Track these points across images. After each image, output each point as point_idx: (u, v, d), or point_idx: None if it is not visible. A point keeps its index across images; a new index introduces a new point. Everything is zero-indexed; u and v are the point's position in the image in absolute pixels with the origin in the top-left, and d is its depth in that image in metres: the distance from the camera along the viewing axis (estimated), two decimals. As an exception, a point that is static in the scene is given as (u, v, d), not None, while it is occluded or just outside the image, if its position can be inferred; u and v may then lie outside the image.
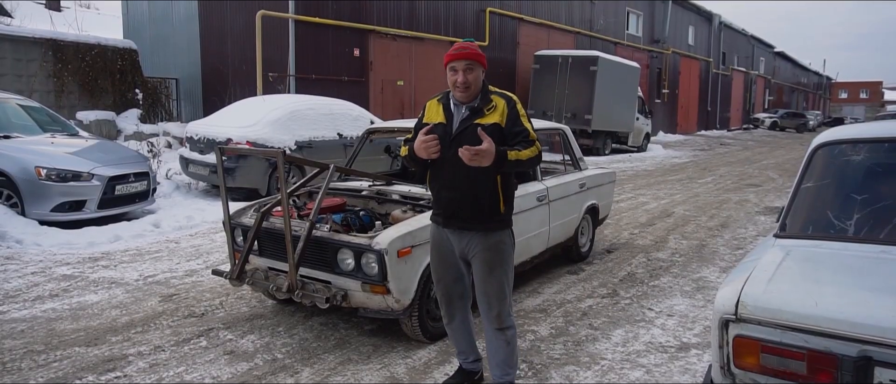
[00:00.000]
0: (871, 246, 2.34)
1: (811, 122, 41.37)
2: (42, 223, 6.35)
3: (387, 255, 3.36)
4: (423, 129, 2.80)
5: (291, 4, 12.94)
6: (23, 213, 6.38)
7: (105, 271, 5.29)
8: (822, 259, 2.34)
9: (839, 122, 43.76)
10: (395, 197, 4.32)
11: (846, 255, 2.32)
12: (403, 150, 3.00)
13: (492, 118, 2.77)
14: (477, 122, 2.76)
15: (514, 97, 2.89)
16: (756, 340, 1.99)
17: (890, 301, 1.92)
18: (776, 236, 2.63)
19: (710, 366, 2.24)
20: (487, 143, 2.58)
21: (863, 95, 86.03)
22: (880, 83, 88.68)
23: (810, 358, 1.89)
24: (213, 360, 3.55)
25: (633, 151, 20.04)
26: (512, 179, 2.93)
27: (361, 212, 4.00)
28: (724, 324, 2.07)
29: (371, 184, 4.63)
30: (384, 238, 3.42)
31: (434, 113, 2.93)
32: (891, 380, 1.79)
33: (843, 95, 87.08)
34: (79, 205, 6.64)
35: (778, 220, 2.71)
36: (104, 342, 3.78)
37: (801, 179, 2.73)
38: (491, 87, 2.89)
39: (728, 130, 37.22)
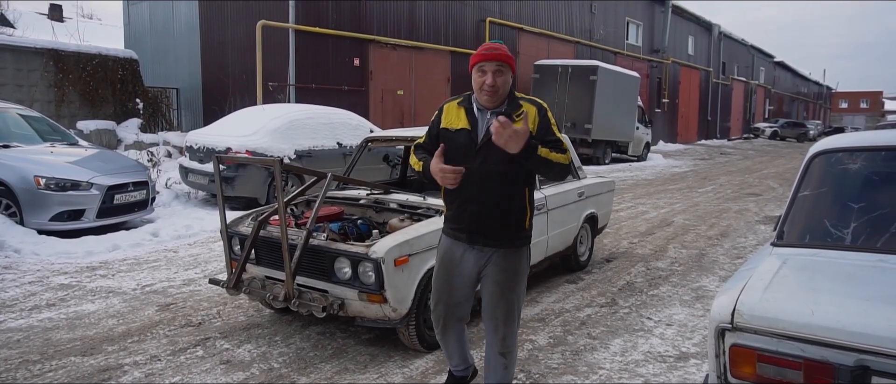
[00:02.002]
0: (869, 254, 2.33)
1: (812, 132, 41.39)
2: (40, 232, 6.34)
3: (384, 264, 3.35)
4: (439, 151, 2.60)
5: (292, 14, 13.00)
6: (21, 223, 6.38)
7: (103, 280, 5.28)
8: (819, 268, 2.32)
9: (840, 131, 43.77)
10: (393, 206, 4.32)
11: (843, 264, 2.30)
12: (416, 164, 2.80)
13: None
14: None
15: (545, 104, 2.70)
16: (752, 349, 1.98)
17: (887, 310, 1.91)
18: (773, 245, 2.61)
19: (707, 375, 2.22)
20: (524, 126, 2.39)
21: (863, 105, 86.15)
22: (880, 93, 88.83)
23: (807, 367, 1.88)
24: (209, 370, 3.54)
25: (633, 161, 20.04)
26: (534, 193, 2.81)
27: (359, 221, 3.99)
28: (721, 333, 2.06)
29: (369, 192, 4.63)
30: (381, 247, 3.41)
31: (455, 118, 2.70)
32: (888, 390, 1.78)
33: (844, 105, 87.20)
34: (77, 215, 6.63)
35: (775, 229, 2.70)
36: (100, 351, 3.76)
37: (798, 188, 2.72)
38: (518, 93, 2.72)
39: (728, 140, 37.25)
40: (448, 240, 2.82)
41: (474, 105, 2.69)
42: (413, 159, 2.85)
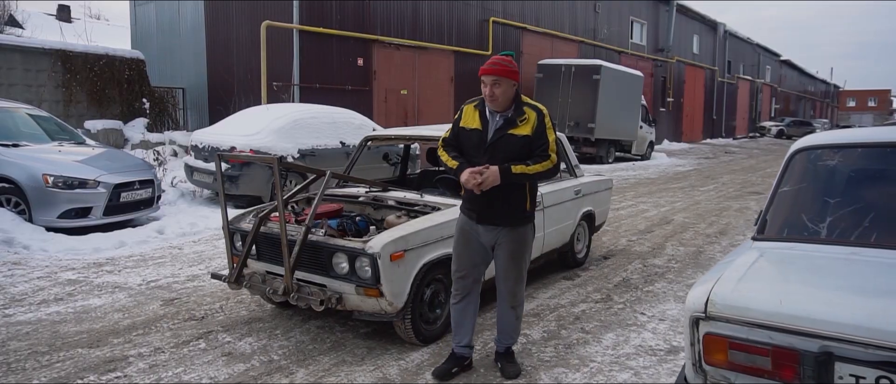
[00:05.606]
0: (842, 247, 2.41)
1: (818, 131, 41.25)
2: (49, 229, 6.48)
3: (380, 259, 3.45)
4: (475, 169, 3.06)
5: (295, 14, 13.11)
6: (30, 220, 6.52)
7: (109, 276, 5.41)
8: (793, 260, 2.41)
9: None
10: (391, 203, 4.42)
11: (816, 257, 2.39)
12: (449, 161, 3.25)
13: (524, 130, 3.12)
14: (510, 132, 3.12)
15: (545, 110, 3.22)
16: (724, 337, 2.07)
17: (851, 299, 2.00)
18: (754, 239, 2.70)
19: (684, 364, 2.32)
20: (488, 172, 3.01)
21: (871, 103, 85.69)
22: (888, 91, 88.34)
23: (775, 353, 1.97)
24: (211, 361, 3.65)
25: (636, 160, 20.07)
26: (536, 182, 3.30)
27: (357, 218, 4.09)
28: (695, 322, 2.15)
29: (368, 190, 4.73)
30: (377, 242, 3.51)
31: (470, 118, 3.25)
32: (851, 375, 1.86)
33: (851, 103, 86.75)
34: (85, 212, 6.77)
35: (756, 224, 2.79)
36: (106, 344, 3.89)
37: (779, 183, 2.81)
38: (524, 98, 3.20)
39: (734, 139, 37.17)
40: (464, 217, 3.36)
41: (486, 108, 3.21)
42: (445, 156, 3.31)
